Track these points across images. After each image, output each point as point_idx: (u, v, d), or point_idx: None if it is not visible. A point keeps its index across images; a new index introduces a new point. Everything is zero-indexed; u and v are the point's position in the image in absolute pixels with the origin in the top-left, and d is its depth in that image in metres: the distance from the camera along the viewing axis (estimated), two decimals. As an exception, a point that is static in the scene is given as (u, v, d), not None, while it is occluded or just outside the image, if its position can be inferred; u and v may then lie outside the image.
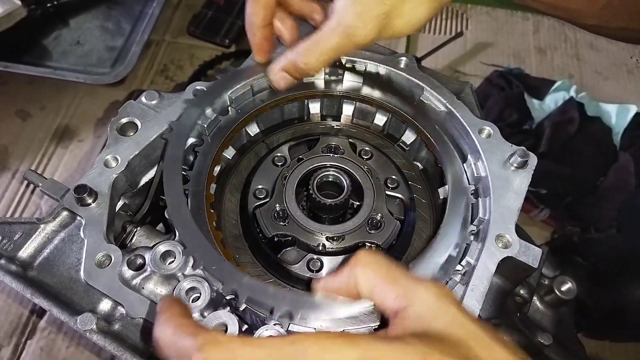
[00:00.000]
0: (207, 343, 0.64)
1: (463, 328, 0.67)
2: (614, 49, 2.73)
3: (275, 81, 1.15)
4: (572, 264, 1.67)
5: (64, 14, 2.51)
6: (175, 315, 0.70)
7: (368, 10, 0.99)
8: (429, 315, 0.69)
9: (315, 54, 1.05)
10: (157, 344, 0.68)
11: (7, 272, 0.94)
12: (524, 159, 1.08)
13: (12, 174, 2.09)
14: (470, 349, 0.65)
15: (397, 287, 0.72)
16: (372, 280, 0.74)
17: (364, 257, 0.76)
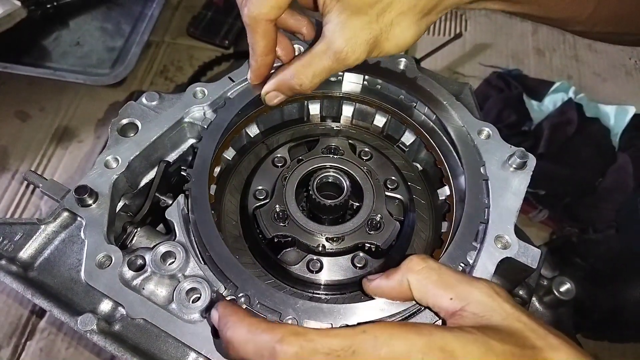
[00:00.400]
0: (287, 334, 0.67)
1: (519, 321, 0.71)
2: (613, 51, 2.74)
3: (268, 99, 1.16)
4: (571, 265, 1.68)
5: (63, 15, 2.51)
6: (245, 316, 0.73)
7: (357, 35, 1.01)
8: (485, 312, 0.72)
9: (308, 75, 1.06)
10: (232, 345, 0.70)
11: (7, 272, 0.94)
12: (523, 160, 1.08)
13: (12, 175, 2.09)
14: (527, 338, 0.68)
15: (451, 291, 0.76)
16: (425, 286, 0.78)
17: (415, 264, 0.80)
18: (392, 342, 0.65)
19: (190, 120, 1.16)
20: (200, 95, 1.17)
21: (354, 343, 0.66)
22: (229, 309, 0.75)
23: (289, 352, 0.66)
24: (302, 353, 0.65)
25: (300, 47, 1.23)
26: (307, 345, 0.66)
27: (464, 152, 1.12)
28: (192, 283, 0.91)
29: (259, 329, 0.69)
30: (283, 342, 0.66)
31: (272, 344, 0.66)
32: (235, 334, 0.70)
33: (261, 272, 1.10)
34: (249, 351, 0.69)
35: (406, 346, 0.65)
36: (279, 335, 0.67)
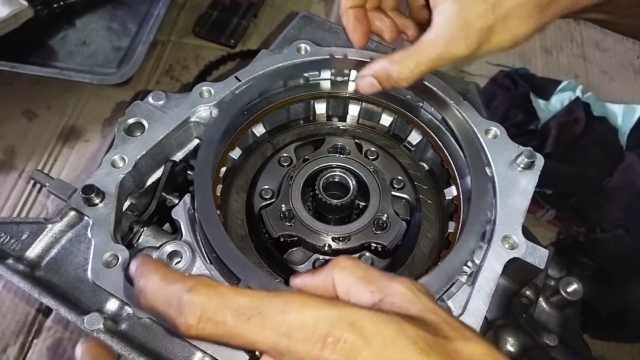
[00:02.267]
0: (197, 284, 0.65)
1: (435, 314, 0.70)
2: (621, 49, 2.72)
3: (362, 85, 1.12)
4: (578, 265, 1.67)
5: (70, 15, 2.52)
6: (161, 266, 0.70)
7: (471, 23, 0.98)
8: (403, 303, 0.71)
9: (410, 64, 1.02)
10: (143, 293, 0.68)
11: (15, 271, 0.94)
12: (530, 160, 1.08)
13: (19, 174, 2.10)
14: (442, 329, 0.67)
15: (373, 285, 0.74)
16: (348, 281, 0.76)
17: (341, 261, 0.79)
18: (302, 309, 0.63)
19: (197, 119, 1.16)
20: (207, 95, 1.17)
21: (263, 304, 0.64)
22: (147, 259, 0.73)
23: (196, 301, 0.63)
24: (208, 304, 0.63)
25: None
26: (216, 297, 0.64)
27: (469, 152, 1.12)
28: (198, 282, 0.91)
29: (172, 277, 0.67)
30: (192, 291, 0.64)
31: (180, 293, 0.64)
32: (148, 283, 0.68)
33: (267, 272, 1.10)
34: (158, 300, 0.66)
35: (315, 315, 0.63)
36: (189, 284, 0.65)
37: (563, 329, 1.39)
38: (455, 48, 0.99)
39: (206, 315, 0.63)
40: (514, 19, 1.00)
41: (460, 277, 0.98)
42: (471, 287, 0.95)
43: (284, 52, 1.27)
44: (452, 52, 1.00)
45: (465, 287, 0.97)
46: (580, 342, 1.45)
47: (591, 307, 1.61)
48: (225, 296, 0.64)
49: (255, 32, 2.61)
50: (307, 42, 1.27)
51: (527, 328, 1.18)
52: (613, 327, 1.77)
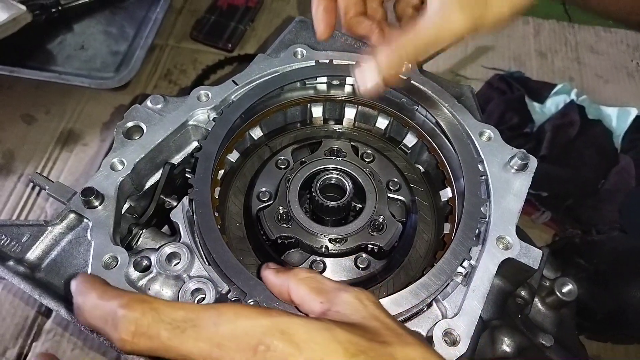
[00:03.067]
0: (133, 301, 0.66)
1: (377, 320, 0.72)
2: (615, 52, 2.74)
3: (363, 89, 1.03)
4: (574, 266, 1.68)
5: (68, 19, 2.53)
6: (99, 283, 0.71)
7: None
8: (347, 311, 0.73)
9: (409, 48, 0.96)
10: (80, 311, 0.69)
11: (15, 273, 0.95)
12: (524, 162, 1.09)
13: (18, 178, 2.11)
14: (380, 335, 0.69)
15: (324, 296, 0.77)
16: (302, 291, 0.80)
17: (300, 272, 0.83)
18: (235, 320, 0.64)
19: (195, 123, 1.18)
20: (205, 98, 1.19)
21: (197, 317, 0.65)
22: (87, 277, 0.74)
23: (130, 317, 0.64)
24: (143, 320, 0.64)
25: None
26: (150, 312, 0.64)
27: (459, 147, 1.13)
28: (197, 283, 0.92)
29: (109, 295, 0.68)
30: (126, 307, 0.65)
31: (115, 309, 0.65)
32: (85, 300, 0.69)
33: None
34: (95, 316, 0.67)
35: (247, 325, 0.64)
36: (124, 300, 0.66)
37: (558, 330, 1.40)
38: (452, 23, 0.94)
39: (140, 329, 0.64)
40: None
41: (456, 277, 1.00)
42: (466, 287, 0.97)
43: (281, 56, 1.28)
44: (450, 27, 0.95)
45: (461, 288, 0.98)
46: (576, 342, 1.46)
47: (587, 308, 1.62)
48: (159, 310, 0.65)
49: (252, 36, 2.63)
50: (304, 46, 1.28)
51: (522, 328, 1.20)
52: (609, 328, 1.78)
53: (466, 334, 0.91)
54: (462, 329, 0.91)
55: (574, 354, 1.32)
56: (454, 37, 0.96)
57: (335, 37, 1.38)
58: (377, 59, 0.99)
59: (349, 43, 1.37)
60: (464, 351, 0.89)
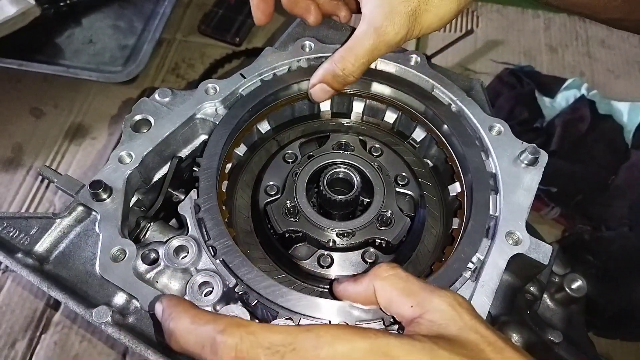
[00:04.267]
0: (229, 326, 0.67)
1: (476, 333, 0.69)
2: (626, 47, 2.71)
3: (315, 93, 1.16)
4: (583, 262, 1.67)
5: (76, 13, 2.54)
6: (190, 307, 0.72)
7: (395, 9, 1.01)
8: (442, 321, 0.71)
9: (351, 59, 1.06)
10: (174, 336, 0.70)
11: (24, 265, 0.95)
12: (534, 156, 1.08)
13: (27, 171, 2.12)
14: (482, 351, 0.67)
15: (413, 298, 0.75)
16: (389, 292, 0.77)
17: (383, 271, 0.79)
18: (334, 342, 0.64)
19: (203, 116, 1.17)
20: (212, 92, 1.18)
21: (295, 340, 0.65)
22: (173, 300, 0.75)
23: (230, 342, 0.65)
24: (242, 345, 0.65)
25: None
26: (248, 337, 0.65)
27: (466, 144, 1.13)
28: (204, 277, 0.92)
29: (202, 319, 0.69)
30: (224, 333, 0.66)
31: (213, 335, 0.66)
32: (178, 325, 0.70)
33: (272, 267, 1.11)
34: (190, 342, 0.68)
35: (348, 348, 0.64)
36: (221, 326, 0.67)
37: (567, 326, 1.39)
38: (386, 36, 1.03)
39: (240, 355, 0.64)
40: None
41: (464, 272, 0.99)
42: (475, 282, 0.96)
43: (289, 50, 1.27)
44: (384, 39, 1.03)
45: (469, 283, 0.97)
46: (585, 339, 1.45)
47: (596, 305, 1.61)
48: (257, 335, 0.66)
49: (260, 30, 2.62)
50: (312, 39, 1.28)
51: (531, 324, 1.19)
52: (618, 325, 1.77)
53: (475, 329, 0.90)
54: (470, 325, 0.90)
55: (582, 351, 1.31)
56: (390, 47, 1.06)
57: (344, 31, 1.37)
58: (320, 71, 1.12)
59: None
60: (473, 347, 0.88)
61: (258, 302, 0.93)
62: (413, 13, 1.02)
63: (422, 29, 1.06)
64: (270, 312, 0.93)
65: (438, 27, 1.07)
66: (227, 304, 0.91)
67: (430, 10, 1.04)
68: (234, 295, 0.94)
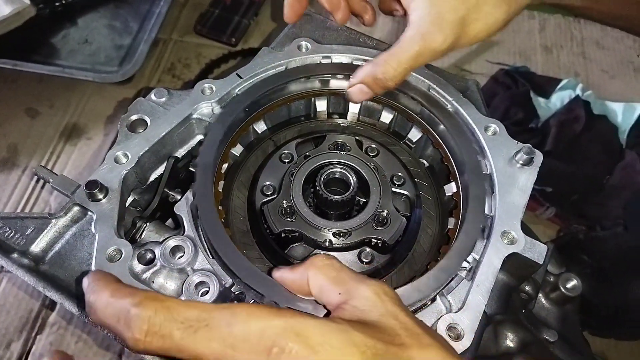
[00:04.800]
0: (146, 299, 0.66)
1: (395, 319, 0.70)
2: (621, 48, 2.73)
3: (353, 93, 1.16)
4: (578, 262, 1.68)
5: (72, 13, 2.53)
6: (112, 281, 0.71)
7: (444, 16, 1.01)
8: (365, 307, 0.72)
9: (393, 64, 1.06)
10: (93, 309, 0.69)
11: (19, 265, 0.95)
12: (529, 156, 1.09)
13: (22, 171, 2.12)
14: (398, 336, 0.68)
15: (342, 286, 0.76)
16: (321, 281, 0.78)
17: (318, 260, 0.80)
18: (249, 320, 0.64)
19: (199, 116, 1.17)
20: (209, 92, 1.18)
21: (210, 317, 0.64)
22: (98, 274, 0.74)
23: (143, 315, 0.64)
24: (155, 318, 0.63)
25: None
26: (162, 311, 0.64)
27: (462, 144, 1.13)
28: (200, 277, 0.92)
29: (121, 293, 0.68)
30: (139, 306, 0.65)
31: (128, 307, 0.65)
32: (98, 298, 0.69)
33: (269, 267, 1.11)
34: (107, 315, 0.67)
35: (261, 326, 0.63)
36: (137, 299, 0.66)
37: (562, 325, 1.40)
38: (432, 43, 1.02)
39: (153, 328, 0.63)
40: (486, 6, 1.03)
41: (460, 272, 0.99)
42: (470, 282, 0.96)
43: (285, 50, 1.28)
44: (430, 46, 1.02)
45: (465, 282, 0.97)
46: (580, 338, 1.46)
47: (591, 305, 1.62)
48: (172, 309, 0.65)
49: (256, 30, 2.62)
50: (308, 39, 1.28)
51: (526, 323, 1.19)
52: (613, 325, 1.78)
53: (470, 328, 0.90)
54: (466, 324, 0.91)
55: (577, 350, 1.32)
56: (435, 55, 1.05)
57: (340, 31, 1.38)
58: (361, 73, 1.11)
59: (354, 37, 1.37)
60: (468, 346, 0.89)
61: (255, 302, 0.93)
62: (461, 21, 1.02)
63: (470, 38, 1.06)
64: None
65: (486, 36, 1.07)
66: (223, 303, 0.91)
67: (480, 19, 1.04)
68: (230, 295, 0.94)
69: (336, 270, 0.78)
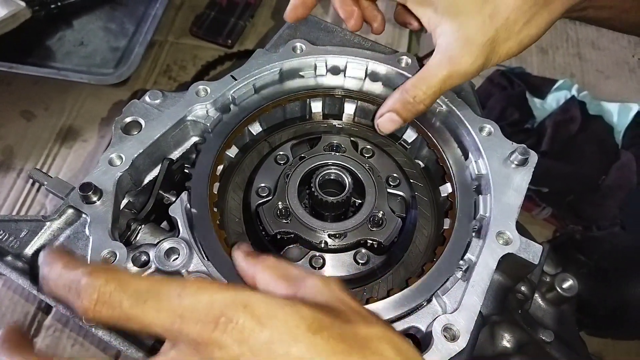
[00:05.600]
0: (97, 270, 0.66)
1: (342, 303, 0.72)
2: (616, 48, 2.73)
3: (382, 123, 1.16)
4: (574, 262, 1.67)
5: (67, 15, 2.52)
6: (65, 254, 0.71)
7: (472, 39, 1.00)
8: (312, 294, 0.73)
9: (422, 87, 1.06)
10: (45, 281, 0.69)
11: (13, 268, 0.95)
12: (524, 157, 1.09)
13: (17, 174, 2.11)
14: (345, 315, 0.69)
15: (289, 281, 0.76)
16: (268, 277, 0.79)
17: (267, 260, 0.82)
18: (197, 293, 0.64)
19: (193, 118, 1.17)
20: (203, 94, 1.18)
21: (160, 288, 0.65)
22: (54, 249, 0.75)
23: (94, 284, 0.64)
24: (105, 287, 0.64)
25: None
26: (113, 281, 0.65)
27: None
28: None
29: (74, 264, 0.68)
30: (90, 275, 0.65)
31: (79, 277, 0.65)
32: (51, 269, 0.69)
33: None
34: (59, 285, 0.68)
35: (210, 298, 0.64)
36: (88, 269, 0.66)
37: (559, 325, 1.40)
38: (461, 66, 1.02)
39: (102, 298, 0.64)
40: (516, 24, 1.01)
41: (455, 272, 0.99)
42: (466, 282, 0.96)
43: (280, 52, 1.27)
44: (460, 70, 1.02)
45: (460, 283, 0.97)
46: (577, 338, 1.46)
47: (587, 305, 1.62)
48: (122, 280, 0.65)
49: (252, 32, 2.62)
50: (303, 41, 1.28)
51: (522, 324, 1.20)
52: (609, 325, 1.78)
53: (466, 329, 0.90)
54: (461, 324, 0.90)
55: (574, 350, 1.32)
56: (465, 77, 1.04)
57: (335, 32, 1.38)
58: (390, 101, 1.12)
59: (348, 38, 1.36)
60: (464, 346, 0.88)
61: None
62: (491, 42, 1.01)
63: (501, 57, 1.05)
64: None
65: (517, 52, 1.06)
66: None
67: (511, 38, 1.03)
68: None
69: (284, 269, 0.79)
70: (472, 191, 1.12)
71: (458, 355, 0.88)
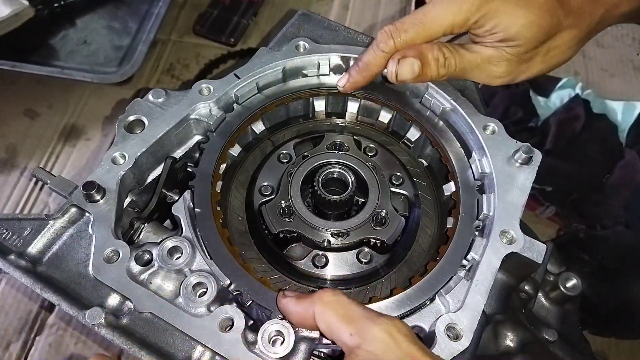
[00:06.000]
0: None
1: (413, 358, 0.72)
2: (620, 46, 2.72)
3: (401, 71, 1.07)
4: (578, 261, 1.67)
5: (71, 14, 2.53)
6: None
7: None
8: (379, 351, 0.73)
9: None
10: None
11: (17, 267, 0.95)
12: (528, 155, 1.08)
13: (21, 172, 2.11)
14: None
15: (352, 326, 0.76)
16: (329, 318, 0.79)
17: (324, 296, 0.81)
18: None
19: (196, 116, 1.17)
20: (206, 92, 1.18)
21: None
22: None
23: None
24: None
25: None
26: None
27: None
28: (198, 277, 0.92)
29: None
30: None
31: None
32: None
33: (267, 268, 1.10)
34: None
35: None
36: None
37: (562, 324, 1.39)
38: (493, 73, 1.09)
39: None
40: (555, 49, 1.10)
41: (459, 271, 0.99)
42: (469, 281, 0.96)
43: (283, 50, 1.27)
44: (491, 76, 1.10)
45: (464, 282, 0.97)
46: (580, 337, 1.45)
47: (591, 304, 1.61)
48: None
49: (255, 30, 2.62)
50: (306, 39, 1.28)
51: (526, 323, 1.19)
52: (613, 324, 1.77)
53: (469, 328, 0.90)
54: (465, 324, 0.90)
55: (577, 349, 1.31)
56: (492, 82, 1.10)
57: (338, 31, 1.37)
58: None
59: (351, 36, 1.36)
60: (467, 345, 0.88)
61: (253, 303, 0.93)
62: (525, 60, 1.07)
63: (532, 73, 1.11)
64: (264, 312, 0.93)
65: (547, 71, 1.13)
66: (221, 304, 0.91)
67: (546, 62, 1.11)
68: (228, 295, 0.94)
69: (344, 307, 0.79)
70: (475, 190, 1.11)
71: (461, 354, 0.88)
